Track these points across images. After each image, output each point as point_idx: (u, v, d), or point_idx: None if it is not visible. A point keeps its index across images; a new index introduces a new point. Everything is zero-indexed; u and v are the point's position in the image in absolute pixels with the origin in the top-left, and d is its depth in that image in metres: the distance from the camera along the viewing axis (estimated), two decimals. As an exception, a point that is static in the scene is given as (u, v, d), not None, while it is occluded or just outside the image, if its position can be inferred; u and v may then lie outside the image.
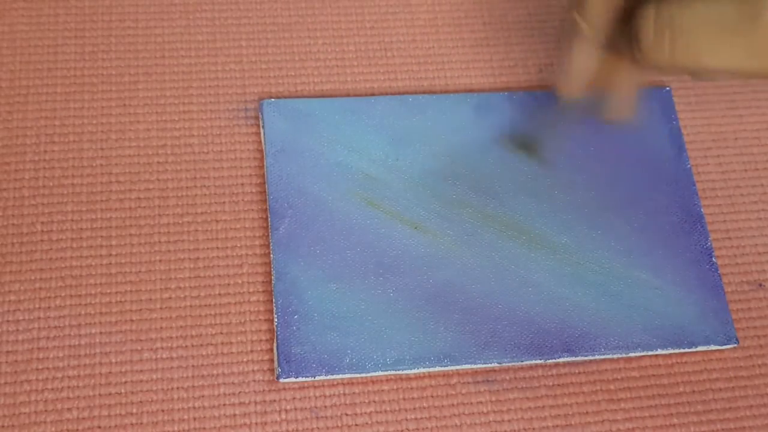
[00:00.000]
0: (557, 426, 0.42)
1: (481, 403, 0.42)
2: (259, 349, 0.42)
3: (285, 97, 0.48)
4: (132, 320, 0.42)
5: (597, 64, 0.41)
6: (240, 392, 0.42)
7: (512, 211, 0.46)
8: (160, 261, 0.44)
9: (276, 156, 0.46)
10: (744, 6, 0.33)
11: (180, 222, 0.45)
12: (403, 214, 0.45)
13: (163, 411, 0.41)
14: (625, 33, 0.39)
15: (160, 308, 0.43)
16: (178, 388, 0.41)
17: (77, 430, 0.40)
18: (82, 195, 0.45)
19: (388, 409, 0.42)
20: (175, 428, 0.41)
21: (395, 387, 0.42)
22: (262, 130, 0.47)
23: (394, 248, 0.44)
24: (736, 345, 0.44)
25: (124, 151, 0.46)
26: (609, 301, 0.44)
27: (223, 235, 0.45)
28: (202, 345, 0.42)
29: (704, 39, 0.34)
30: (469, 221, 0.45)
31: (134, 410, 0.41)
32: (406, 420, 0.42)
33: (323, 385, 0.42)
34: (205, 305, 0.43)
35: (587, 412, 0.43)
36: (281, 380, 0.41)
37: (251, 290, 0.44)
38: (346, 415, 0.42)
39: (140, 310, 0.43)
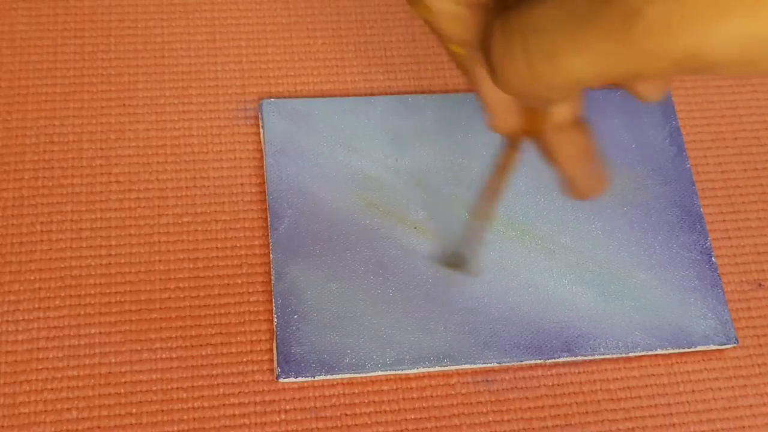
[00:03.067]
0: (557, 426, 0.42)
1: (480, 403, 0.42)
2: (258, 349, 0.42)
3: (284, 97, 0.48)
4: (131, 320, 0.42)
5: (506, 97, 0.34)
6: (239, 392, 0.42)
7: (512, 211, 0.46)
8: (160, 261, 0.44)
9: (276, 156, 0.46)
10: None
11: (179, 222, 0.45)
12: (403, 214, 0.45)
13: (162, 411, 0.41)
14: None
15: (160, 308, 0.43)
16: (177, 388, 0.41)
17: (77, 430, 0.40)
18: (81, 195, 0.45)
19: (387, 409, 0.42)
20: (175, 428, 0.41)
21: (395, 387, 0.42)
22: (261, 130, 0.47)
23: (394, 248, 0.44)
24: (735, 345, 0.44)
25: (124, 151, 0.46)
26: (609, 301, 0.44)
27: (223, 235, 0.45)
28: (201, 345, 0.42)
29: (560, 35, 0.27)
30: (469, 222, 0.45)
31: (134, 410, 0.41)
32: (406, 420, 0.42)
33: (323, 385, 0.42)
34: (205, 305, 0.43)
35: (587, 412, 0.43)
36: (281, 380, 0.41)
37: (251, 290, 0.44)
38: (346, 415, 0.42)
39: (139, 310, 0.43)
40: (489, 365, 0.43)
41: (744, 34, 0.24)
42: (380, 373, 0.42)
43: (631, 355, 0.43)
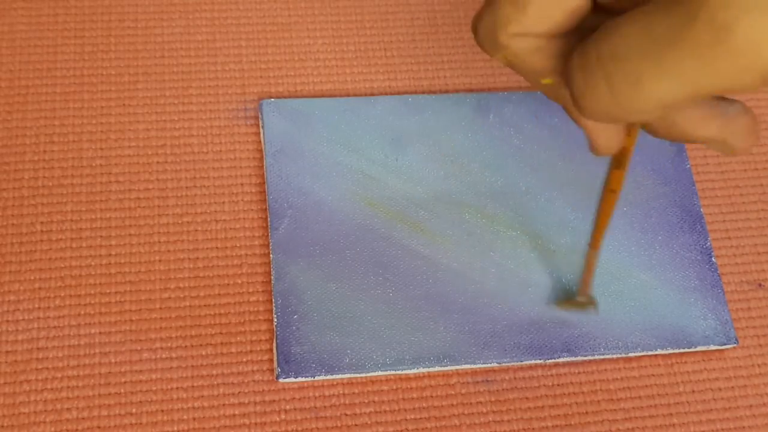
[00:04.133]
0: (557, 426, 0.42)
1: (480, 403, 0.42)
2: (258, 349, 0.42)
3: (284, 97, 0.48)
4: (131, 320, 0.42)
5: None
6: (239, 392, 0.42)
7: (512, 211, 0.46)
8: (160, 261, 0.44)
9: (276, 156, 0.46)
10: (677, 7, 0.25)
11: (179, 222, 0.45)
12: (403, 214, 0.45)
13: (162, 411, 0.41)
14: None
15: (160, 308, 0.43)
16: (177, 388, 0.41)
17: (77, 430, 0.40)
18: (81, 195, 0.45)
19: (387, 409, 0.42)
20: (175, 428, 0.41)
21: (395, 387, 0.42)
22: (261, 130, 0.47)
23: (394, 248, 0.44)
24: (735, 345, 0.44)
25: (124, 151, 0.46)
26: (609, 301, 0.44)
27: (223, 235, 0.45)
28: (201, 345, 0.42)
29: (643, 61, 0.26)
30: (469, 221, 0.45)
31: (134, 410, 0.41)
32: (406, 420, 0.42)
33: (323, 385, 0.42)
34: (205, 305, 0.43)
35: (587, 412, 0.43)
36: (281, 380, 0.41)
37: (251, 290, 0.44)
38: (346, 415, 0.42)
39: (140, 310, 0.43)
40: (489, 365, 0.43)
41: None
42: (380, 373, 0.42)
43: (631, 355, 0.43)
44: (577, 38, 0.31)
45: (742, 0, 0.24)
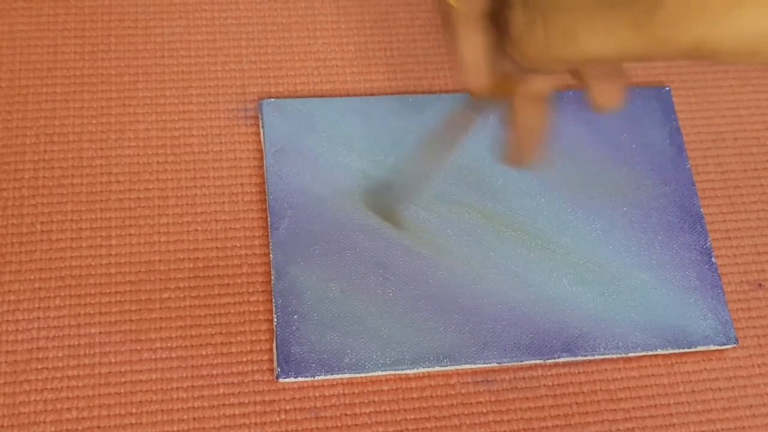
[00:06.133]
0: (557, 426, 0.42)
1: (480, 403, 0.42)
2: (258, 349, 0.42)
3: (285, 97, 0.48)
4: (131, 320, 0.42)
5: (488, 53, 0.36)
6: (239, 392, 0.42)
7: (512, 211, 0.46)
8: (160, 261, 0.44)
9: (276, 156, 0.46)
10: None
11: (179, 222, 0.45)
12: (403, 214, 0.45)
13: (162, 411, 0.41)
14: (498, 26, 0.34)
15: (160, 308, 0.43)
16: (177, 388, 0.41)
17: (77, 430, 0.40)
18: (81, 195, 0.45)
19: (387, 409, 0.42)
20: (175, 428, 0.41)
21: (395, 387, 0.42)
22: (261, 130, 0.47)
23: (393, 248, 0.44)
24: (735, 345, 0.44)
25: (124, 151, 0.46)
26: (609, 301, 0.44)
27: (223, 235, 0.45)
28: (201, 345, 0.42)
29: (581, 17, 0.29)
30: (469, 221, 0.45)
31: (134, 410, 0.41)
32: (406, 420, 0.42)
33: (323, 385, 0.42)
34: (205, 305, 0.43)
35: (587, 412, 0.43)
36: (281, 380, 0.41)
37: (251, 290, 0.44)
38: (346, 415, 0.42)
39: (140, 310, 0.43)
40: (489, 365, 0.43)
41: (751, 26, 0.26)
42: (380, 373, 0.42)
43: (631, 355, 0.43)
44: None
45: None
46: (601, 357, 0.43)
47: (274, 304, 0.43)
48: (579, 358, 0.43)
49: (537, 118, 0.37)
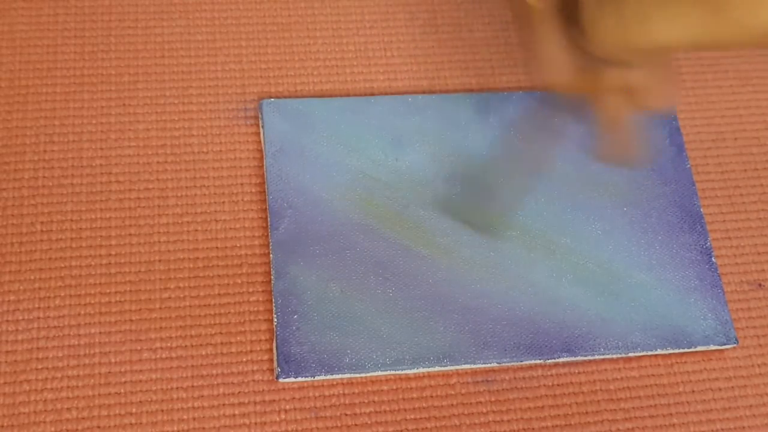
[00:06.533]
0: (557, 426, 0.42)
1: (480, 403, 0.42)
2: (258, 349, 0.42)
3: (285, 97, 0.48)
4: (131, 320, 0.42)
5: (567, 51, 0.36)
6: (239, 392, 0.42)
7: (512, 211, 0.46)
8: (160, 261, 0.44)
9: (276, 156, 0.46)
10: None
11: (179, 222, 0.45)
12: (403, 214, 0.45)
13: (162, 411, 0.41)
14: (571, 19, 0.34)
15: (160, 308, 0.43)
16: (177, 388, 0.41)
17: (77, 430, 0.40)
18: (81, 195, 0.45)
19: (387, 409, 0.42)
20: (175, 428, 0.41)
21: (395, 387, 0.42)
22: (261, 130, 0.47)
23: (393, 248, 0.44)
24: (735, 345, 0.44)
25: (124, 151, 0.46)
26: (609, 301, 0.44)
27: (223, 235, 0.45)
28: (201, 345, 0.42)
29: (654, 3, 0.29)
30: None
31: (134, 410, 0.41)
32: (406, 420, 0.42)
33: (323, 385, 0.42)
34: (205, 305, 0.43)
35: (587, 412, 0.43)
36: (281, 380, 0.41)
37: (251, 290, 0.44)
38: (346, 415, 0.42)
39: (140, 309, 0.43)
40: (489, 365, 0.43)
41: None
42: (380, 373, 0.42)
43: (631, 355, 0.43)
44: None
45: None
46: (601, 357, 0.43)
47: (274, 304, 0.43)
48: (579, 358, 0.43)
49: (627, 110, 0.37)
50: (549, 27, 0.35)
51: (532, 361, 0.43)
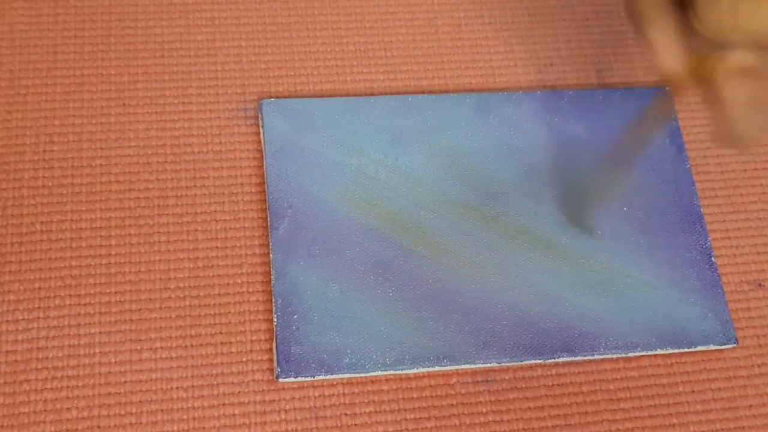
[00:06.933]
0: (557, 426, 0.42)
1: (480, 403, 0.42)
2: (258, 348, 0.42)
3: (284, 97, 0.48)
4: (131, 320, 0.42)
5: (680, 38, 0.35)
6: (239, 392, 0.42)
7: (512, 212, 0.46)
8: (160, 261, 0.44)
9: (275, 156, 0.46)
10: None
11: (179, 222, 0.45)
12: (403, 214, 0.45)
13: (162, 411, 0.41)
14: (682, 4, 0.34)
15: (160, 308, 0.43)
16: (177, 387, 0.41)
17: (76, 429, 0.40)
18: (81, 195, 0.45)
19: (387, 409, 0.42)
20: (175, 428, 0.41)
21: (395, 387, 0.42)
22: (261, 130, 0.47)
23: (393, 248, 0.44)
24: (735, 345, 0.44)
25: (124, 151, 0.46)
26: (609, 301, 0.44)
27: (223, 235, 0.45)
28: (201, 345, 0.42)
29: None
30: (469, 221, 0.45)
31: (133, 410, 0.41)
32: (406, 420, 0.42)
33: (322, 385, 0.42)
34: (205, 305, 0.43)
35: (587, 412, 0.43)
36: (280, 380, 0.41)
37: (250, 290, 0.44)
38: (346, 415, 0.42)
39: (139, 309, 0.43)
40: (489, 365, 0.43)
41: None
42: (380, 373, 0.42)
43: (631, 355, 0.43)
44: None
45: None
46: (601, 357, 0.43)
47: (274, 304, 0.43)
48: (579, 358, 0.43)
49: (745, 92, 0.36)
50: (659, 13, 0.35)
51: (532, 361, 0.43)
